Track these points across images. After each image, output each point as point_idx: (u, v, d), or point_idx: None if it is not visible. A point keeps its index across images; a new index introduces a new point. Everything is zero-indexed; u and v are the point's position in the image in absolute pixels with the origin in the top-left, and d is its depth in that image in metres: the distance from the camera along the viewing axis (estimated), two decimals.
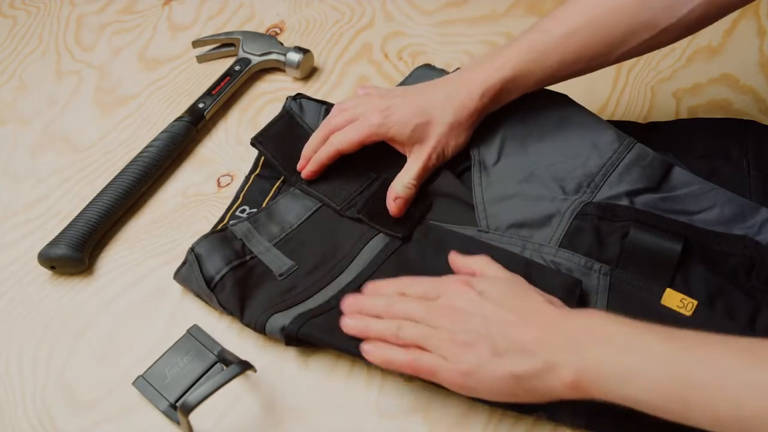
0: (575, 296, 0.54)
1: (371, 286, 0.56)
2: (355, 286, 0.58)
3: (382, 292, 0.54)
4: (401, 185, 0.61)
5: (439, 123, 0.60)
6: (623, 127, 0.67)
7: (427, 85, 0.63)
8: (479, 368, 0.47)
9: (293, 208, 0.64)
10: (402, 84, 0.73)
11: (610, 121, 0.65)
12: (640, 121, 0.72)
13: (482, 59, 0.61)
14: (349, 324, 0.53)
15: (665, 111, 0.74)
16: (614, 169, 0.61)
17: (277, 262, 0.60)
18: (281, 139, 0.67)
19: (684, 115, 0.73)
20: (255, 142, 0.66)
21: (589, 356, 0.44)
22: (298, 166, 0.65)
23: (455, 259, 0.55)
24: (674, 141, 0.67)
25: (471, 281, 0.51)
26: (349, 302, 0.54)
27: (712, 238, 0.57)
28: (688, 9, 0.54)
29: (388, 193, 0.62)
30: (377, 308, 0.53)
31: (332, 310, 0.56)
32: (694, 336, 0.43)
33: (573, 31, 0.57)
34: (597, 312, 0.50)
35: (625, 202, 0.59)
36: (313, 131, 0.66)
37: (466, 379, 0.47)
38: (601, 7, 0.57)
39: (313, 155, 0.63)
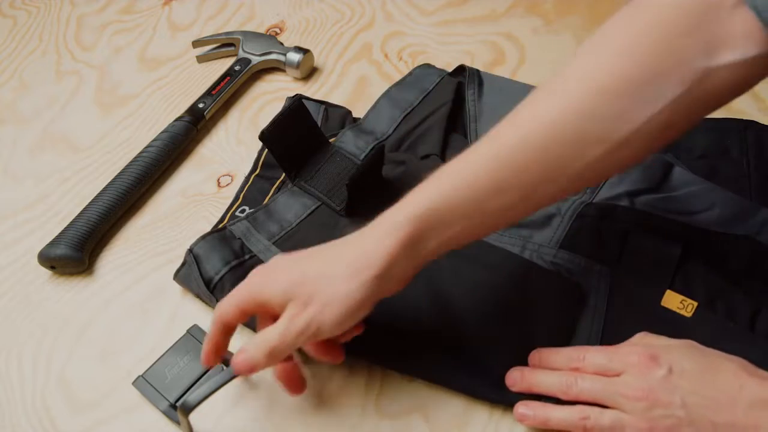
0: (574, 300, 0.54)
1: (537, 356, 0.50)
2: None
3: (553, 364, 0.49)
4: (255, 342, 0.47)
5: (321, 278, 0.46)
6: None
7: (333, 242, 0.49)
8: None
9: (292, 206, 0.64)
10: (401, 84, 0.72)
11: None
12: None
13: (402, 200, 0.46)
14: (526, 414, 0.49)
15: None
16: None
17: None
18: (285, 135, 0.66)
19: None
20: (263, 137, 0.63)
21: None
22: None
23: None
24: (674, 141, 0.67)
25: (656, 353, 0.46)
26: (514, 376, 0.50)
27: (712, 239, 0.57)
28: (647, 117, 0.41)
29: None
30: (552, 388, 0.48)
31: None
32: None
33: (505, 150, 0.44)
34: None
35: (625, 202, 0.59)
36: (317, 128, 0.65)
37: None
38: (534, 122, 0.44)
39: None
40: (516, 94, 0.64)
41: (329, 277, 0.45)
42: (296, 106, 0.63)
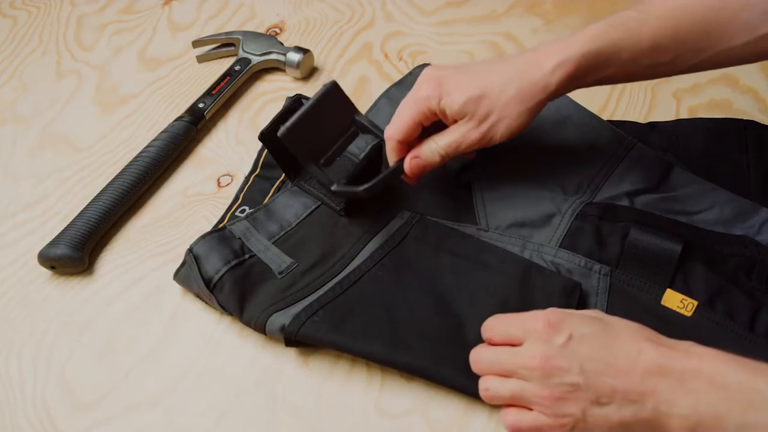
0: (574, 299, 0.54)
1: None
2: (353, 280, 0.58)
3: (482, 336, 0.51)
4: (428, 147, 0.55)
5: (493, 97, 0.52)
6: (623, 127, 0.67)
7: (497, 58, 0.56)
8: (585, 419, 0.44)
9: (292, 206, 0.64)
10: (401, 83, 0.72)
11: (610, 121, 0.65)
12: (640, 121, 0.72)
13: (567, 34, 0.53)
14: None
15: (665, 111, 0.74)
16: (614, 169, 0.61)
17: (277, 260, 0.60)
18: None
19: (684, 115, 0.73)
20: (262, 138, 0.63)
21: (704, 408, 0.41)
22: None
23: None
24: (674, 141, 0.67)
25: (556, 320, 0.46)
26: None
27: (712, 239, 0.57)
28: None
29: (411, 151, 0.56)
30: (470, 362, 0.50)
31: (332, 301, 0.56)
32: None
33: (671, 14, 0.51)
34: (701, 348, 0.43)
35: (625, 202, 0.59)
36: None
37: (575, 430, 0.44)
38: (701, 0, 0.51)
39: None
40: None
41: (505, 98, 0.52)
42: (295, 107, 0.63)
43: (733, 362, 0.42)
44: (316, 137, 0.60)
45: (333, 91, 0.60)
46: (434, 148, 0.55)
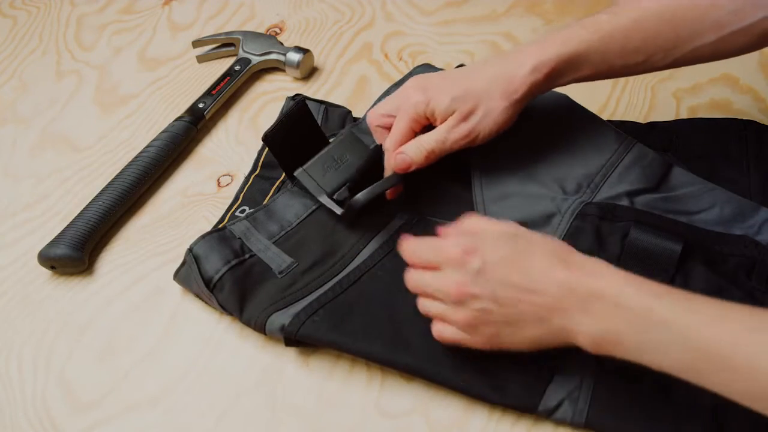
0: None
1: None
2: (353, 280, 0.58)
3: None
4: (415, 144, 0.57)
5: (480, 95, 0.55)
6: (623, 127, 0.67)
7: (478, 62, 0.59)
8: (499, 336, 0.48)
9: (292, 206, 0.64)
10: (401, 83, 0.72)
11: (610, 121, 0.65)
12: (640, 121, 0.72)
13: (543, 35, 0.57)
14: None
15: (665, 111, 0.74)
16: (614, 169, 0.61)
17: (277, 259, 0.60)
18: (288, 137, 0.66)
19: (684, 115, 0.73)
20: (266, 139, 0.63)
21: (604, 326, 0.44)
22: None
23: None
24: (674, 141, 0.67)
25: (469, 248, 0.48)
26: None
27: (712, 239, 0.57)
28: (757, 18, 0.53)
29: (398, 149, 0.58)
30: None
31: (331, 301, 0.56)
32: (708, 306, 0.43)
33: (641, 16, 0.54)
34: (608, 270, 0.46)
35: (625, 202, 0.59)
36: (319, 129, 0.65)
37: (491, 343, 0.49)
38: (671, 1, 0.55)
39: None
40: None
41: (489, 95, 0.55)
42: (300, 108, 0.63)
43: (636, 284, 0.45)
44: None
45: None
46: (420, 144, 0.57)
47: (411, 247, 0.52)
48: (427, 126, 0.59)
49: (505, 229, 0.50)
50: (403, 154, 0.57)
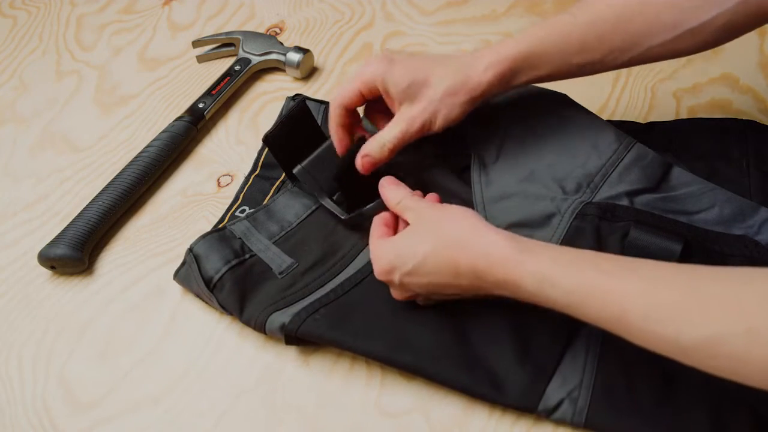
0: None
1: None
2: (355, 283, 0.58)
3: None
4: (377, 144, 0.58)
5: (434, 86, 0.56)
6: (623, 127, 0.67)
7: (443, 55, 0.60)
8: (429, 299, 0.55)
9: (292, 207, 0.64)
10: None
11: (610, 121, 0.65)
12: (640, 121, 0.72)
13: (503, 39, 0.58)
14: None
15: (665, 111, 0.74)
16: (614, 169, 0.61)
17: (277, 260, 0.60)
18: (289, 138, 0.67)
19: (684, 115, 0.73)
20: (267, 141, 0.63)
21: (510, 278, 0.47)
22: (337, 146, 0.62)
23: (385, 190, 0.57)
24: (674, 141, 0.67)
25: (385, 270, 0.52)
26: None
27: (711, 239, 0.57)
28: (714, 14, 0.53)
29: (360, 149, 0.59)
30: None
31: (333, 302, 0.56)
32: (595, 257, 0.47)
33: (597, 16, 0.55)
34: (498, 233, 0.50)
35: (624, 202, 0.59)
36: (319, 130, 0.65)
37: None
38: (626, 2, 0.56)
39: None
40: (515, 94, 0.64)
41: (443, 89, 0.56)
42: (300, 110, 0.63)
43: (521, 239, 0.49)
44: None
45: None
46: (381, 142, 0.58)
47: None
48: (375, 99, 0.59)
49: (390, 251, 0.53)
50: (369, 156, 0.58)
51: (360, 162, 0.59)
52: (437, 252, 0.50)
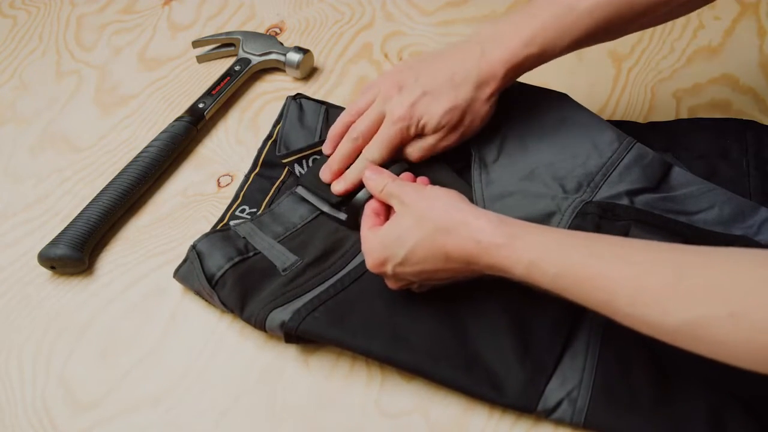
0: None
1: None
2: (354, 278, 0.58)
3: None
4: (413, 148, 0.62)
5: (466, 106, 0.59)
6: (623, 127, 0.67)
7: (445, 58, 0.61)
8: (422, 286, 0.55)
9: (297, 210, 0.64)
10: None
11: (610, 121, 0.65)
12: (640, 121, 0.72)
13: (503, 31, 0.59)
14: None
15: (665, 111, 0.74)
16: (614, 169, 0.61)
17: (281, 257, 0.60)
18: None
19: (684, 115, 0.73)
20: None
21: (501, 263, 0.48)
22: (325, 148, 0.65)
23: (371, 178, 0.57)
24: (674, 141, 0.67)
25: (385, 266, 0.52)
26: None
27: (711, 239, 0.57)
28: None
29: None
30: None
31: (332, 298, 0.56)
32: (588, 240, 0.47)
33: (596, 5, 0.56)
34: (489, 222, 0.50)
35: (625, 201, 0.59)
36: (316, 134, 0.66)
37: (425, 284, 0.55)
38: None
39: (336, 148, 0.63)
40: (515, 94, 0.64)
41: (473, 101, 0.59)
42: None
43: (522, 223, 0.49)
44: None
45: None
46: (411, 154, 0.62)
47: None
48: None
49: (384, 240, 0.53)
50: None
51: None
52: (425, 240, 0.50)
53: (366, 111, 0.62)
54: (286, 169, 0.68)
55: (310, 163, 0.66)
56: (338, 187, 0.62)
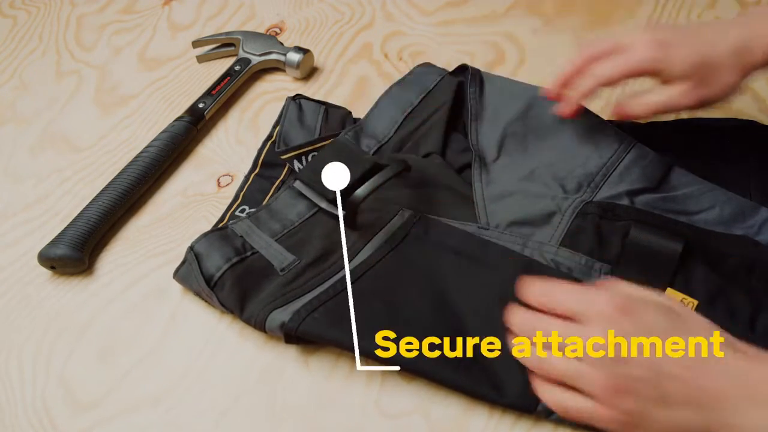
0: None
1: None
2: (353, 279, 0.58)
3: (528, 298, 0.46)
4: (640, 103, 0.57)
5: (717, 69, 0.54)
6: (623, 127, 0.67)
7: (715, 23, 0.58)
8: (642, 418, 0.40)
9: (295, 206, 0.64)
10: (402, 82, 0.72)
11: (610, 121, 0.65)
12: (640, 121, 0.71)
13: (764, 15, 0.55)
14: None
15: None
16: (614, 169, 0.61)
17: (279, 256, 0.60)
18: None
19: (684, 115, 0.73)
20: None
21: None
22: (547, 93, 0.61)
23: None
24: (674, 141, 0.67)
25: (626, 308, 0.42)
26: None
27: (712, 239, 0.57)
28: None
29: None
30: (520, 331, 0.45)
31: (332, 299, 0.56)
32: None
33: None
34: None
35: (625, 201, 0.59)
36: (314, 134, 0.65)
37: (627, 423, 0.40)
38: None
39: (564, 85, 0.59)
40: (516, 94, 0.65)
41: (727, 68, 0.54)
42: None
43: None
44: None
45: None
46: (647, 104, 0.57)
47: (542, 288, 0.46)
48: None
49: (658, 298, 0.44)
50: (622, 107, 0.57)
51: (616, 109, 0.58)
52: (694, 324, 0.42)
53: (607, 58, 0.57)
54: (286, 169, 0.68)
55: (310, 160, 0.66)
56: (563, 108, 0.60)
